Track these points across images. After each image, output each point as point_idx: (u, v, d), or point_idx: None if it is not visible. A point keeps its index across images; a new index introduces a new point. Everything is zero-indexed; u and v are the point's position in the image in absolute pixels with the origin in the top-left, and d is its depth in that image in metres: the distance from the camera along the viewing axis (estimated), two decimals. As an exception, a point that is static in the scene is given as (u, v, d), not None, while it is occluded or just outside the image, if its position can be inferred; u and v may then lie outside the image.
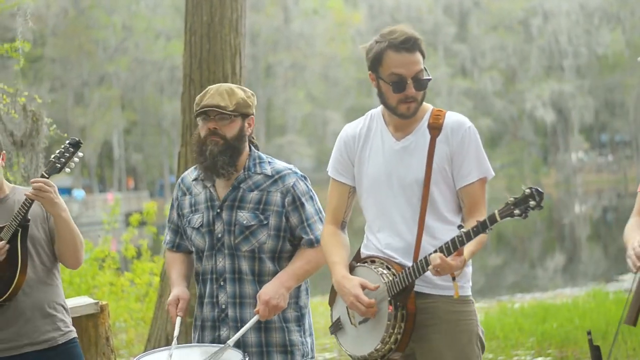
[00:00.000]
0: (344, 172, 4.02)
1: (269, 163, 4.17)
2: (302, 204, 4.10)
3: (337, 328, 4.04)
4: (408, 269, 3.68)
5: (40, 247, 4.29)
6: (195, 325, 4.23)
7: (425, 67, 3.79)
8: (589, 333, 3.72)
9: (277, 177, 4.11)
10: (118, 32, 60.82)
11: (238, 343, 3.95)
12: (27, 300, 4.22)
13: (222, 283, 4.09)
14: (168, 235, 4.38)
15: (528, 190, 3.31)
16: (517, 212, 3.32)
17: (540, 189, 3.31)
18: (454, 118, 3.86)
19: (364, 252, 3.97)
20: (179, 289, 4.14)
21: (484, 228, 3.40)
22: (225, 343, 3.85)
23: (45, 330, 4.27)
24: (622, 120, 69.82)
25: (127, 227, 12.38)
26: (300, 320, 4.20)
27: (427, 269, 3.57)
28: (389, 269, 3.77)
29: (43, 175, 4.12)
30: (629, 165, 68.77)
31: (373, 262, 3.87)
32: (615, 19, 66.78)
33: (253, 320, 3.94)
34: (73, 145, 4.17)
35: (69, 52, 58.41)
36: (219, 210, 4.10)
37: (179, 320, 4.05)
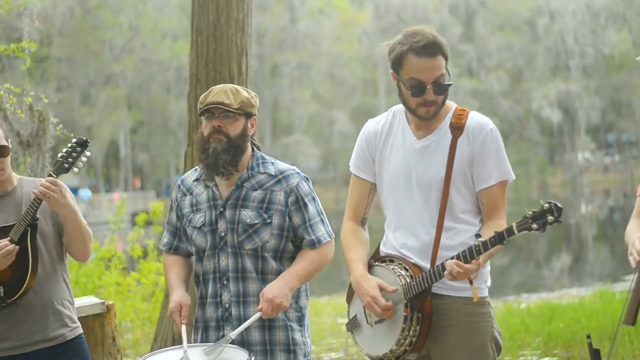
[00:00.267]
0: (365, 168, 4.02)
1: (272, 163, 4.17)
2: (305, 205, 4.09)
3: (353, 325, 4.06)
4: (425, 273, 3.68)
5: (49, 241, 4.29)
6: (197, 327, 4.21)
7: (448, 69, 3.75)
8: (589, 337, 3.72)
9: (280, 176, 4.11)
10: (124, 32, 60.87)
11: (242, 342, 3.95)
12: (36, 299, 4.23)
13: (225, 282, 4.08)
14: (165, 237, 4.37)
15: (547, 205, 3.29)
16: (534, 226, 3.30)
17: (559, 204, 3.28)
18: (477, 119, 3.84)
19: (383, 250, 3.98)
20: (179, 294, 4.12)
21: (501, 240, 3.39)
22: (227, 335, 3.85)
23: (55, 327, 4.28)
24: (628, 120, 69.68)
25: (133, 227, 12.38)
26: (301, 321, 4.20)
27: (443, 275, 3.58)
28: (407, 270, 3.77)
29: (50, 175, 4.11)
30: (636, 165, 68.60)
31: (392, 261, 3.88)
32: (622, 19, 66.63)
33: (255, 317, 3.93)
34: (80, 145, 4.16)
35: (76, 52, 58.47)
36: (222, 209, 4.09)
37: (184, 329, 4.01)
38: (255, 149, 4.21)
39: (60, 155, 4.15)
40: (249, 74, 7.81)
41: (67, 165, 4.13)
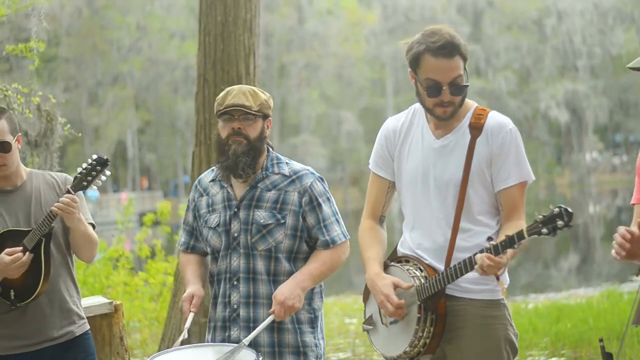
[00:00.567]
0: (384, 166, 4.01)
1: (287, 164, 4.17)
2: (319, 205, 4.08)
3: (369, 325, 4.05)
4: (440, 275, 3.66)
5: (58, 239, 4.32)
6: (209, 327, 4.23)
7: (466, 70, 3.72)
8: (601, 340, 3.65)
9: (294, 177, 4.11)
10: (132, 32, 60.94)
11: (250, 343, 3.94)
12: (46, 299, 4.27)
13: (235, 283, 4.08)
14: (183, 237, 4.38)
15: (557, 210, 3.27)
16: (544, 230, 3.28)
17: (569, 209, 3.25)
18: (496, 119, 3.81)
19: (400, 249, 3.97)
20: (194, 287, 4.14)
21: (512, 244, 3.38)
22: (240, 342, 3.82)
23: (63, 325, 4.33)
24: (636, 120, 69.50)
25: (140, 227, 12.39)
26: (314, 322, 4.18)
27: (463, 273, 3.56)
28: (422, 271, 3.76)
29: (69, 191, 4.14)
30: (644, 166, 68.35)
31: (407, 261, 3.86)
32: (630, 19, 66.48)
33: (268, 320, 3.92)
34: (101, 164, 4.16)
35: (83, 52, 58.54)
36: (236, 210, 4.09)
37: (192, 315, 4.04)
38: (270, 149, 4.21)
39: (80, 172, 4.16)
40: (257, 74, 7.81)
41: (85, 184, 4.16)
